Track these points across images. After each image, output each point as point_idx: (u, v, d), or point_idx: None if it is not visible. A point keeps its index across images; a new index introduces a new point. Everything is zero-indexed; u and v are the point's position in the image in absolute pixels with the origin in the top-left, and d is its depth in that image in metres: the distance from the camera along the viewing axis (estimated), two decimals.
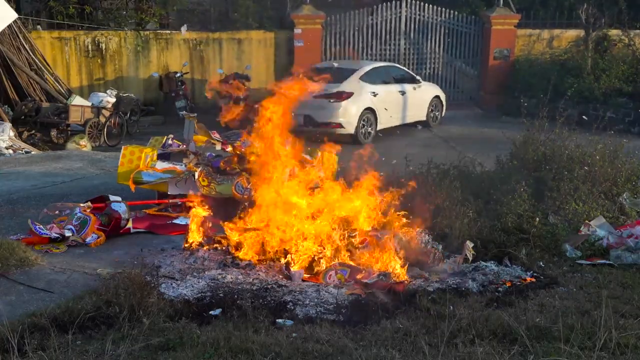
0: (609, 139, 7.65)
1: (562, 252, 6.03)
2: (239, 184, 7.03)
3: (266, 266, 5.62)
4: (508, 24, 16.87)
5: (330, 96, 12.21)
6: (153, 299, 4.66)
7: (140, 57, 15.33)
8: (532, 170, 7.15)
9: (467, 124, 14.91)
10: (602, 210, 6.67)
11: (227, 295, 4.96)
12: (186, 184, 7.11)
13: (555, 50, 17.23)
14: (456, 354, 3.97)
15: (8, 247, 5.61)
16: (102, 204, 6.85)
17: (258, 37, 16.32)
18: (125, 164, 7.25)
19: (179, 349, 4.04)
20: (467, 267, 5.64)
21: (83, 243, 6.22)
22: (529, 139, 7.62)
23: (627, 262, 5.85)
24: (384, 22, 16.89)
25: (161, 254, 6.02)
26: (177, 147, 7.72)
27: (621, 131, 9.77)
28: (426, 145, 11.95)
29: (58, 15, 14.97)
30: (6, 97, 12.61)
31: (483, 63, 17.19)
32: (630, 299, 4.97)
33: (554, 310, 4.69)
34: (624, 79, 14.54)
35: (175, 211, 7.15)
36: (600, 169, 7.04)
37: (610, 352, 3.98)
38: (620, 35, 16.34)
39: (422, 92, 14.36)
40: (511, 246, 5.93)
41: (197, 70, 15.90)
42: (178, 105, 14.46)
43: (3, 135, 11.14)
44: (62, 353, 3.92)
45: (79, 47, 14.73)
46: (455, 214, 6.22)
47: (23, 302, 4.87)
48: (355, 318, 4.62)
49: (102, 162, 10.22)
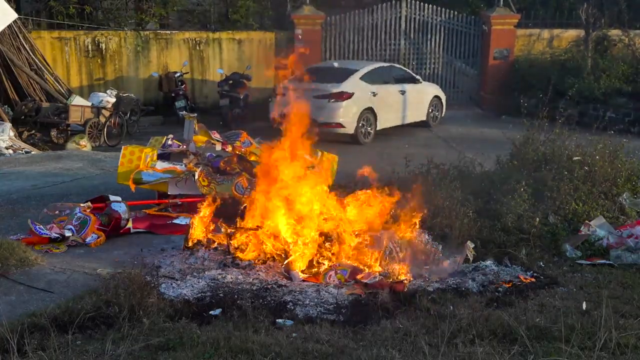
0: (609, 139, 7.65)
1: (562, 252, 6.03)
2: (239, 184, 7.04)
3: (266, 266, 5.62)
4: (508, 24, 16.87)
5: (330, 96, 12.22)
6: (153, 299, 4.66)
7: (140, 57, 15.33)
8: (532, 170, 7.15)
9: (467, 124, 14.91)
10: (602, 210, 6.68)
11: (227, 295, 4.96)
12: (186, 184, 7.11)
13: (555, 50, 17.23)
14: (456, 354, 3.97)
15: (8, 247, 5.61)
16: (102, 204, 6.85)
17: (258, 37, 16.33)
18: (125, 164, 7.24)
19: (179, 349, 4.04)
20: (467, 267, 5.64)
21: (83, 243, 6.22)
22: (529, 139, 7.62)
23: (627, 262, 5.85)
24: (384, 22, 16.88)
25: (161, 254, 6.02)
26: (177, 147, 7.72)
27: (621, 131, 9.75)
28: (426, 145, 11.95)
29: (58, 15, 14.97)
30: (6, 97, 12.61)
31: (483, 63, 17.19)
32: (630, 299, 4.97)
33: (554, 310, 4.70)
34: (624, 79, 14.53)
35: (175, 211, 7.15)
36: (600, 169, 7.04)
37: (610, 352, 3.98)
38: (620, 35, 16.34)
39: (422, 92, 14.36)
40: (511, 246, 5.94)
41: (197, 70, 15.90)
42: (178, 105, 14.46)
43: (3, 135, 11.13)
44: (62, 353, 3.92)
45: (79, 47, 14.73)
46: (455, 214, 6.22)
47: (23, 302, 4.87)
48: (355, 318, 4.62)
49: (102, 162, 10.22)
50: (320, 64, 14.49)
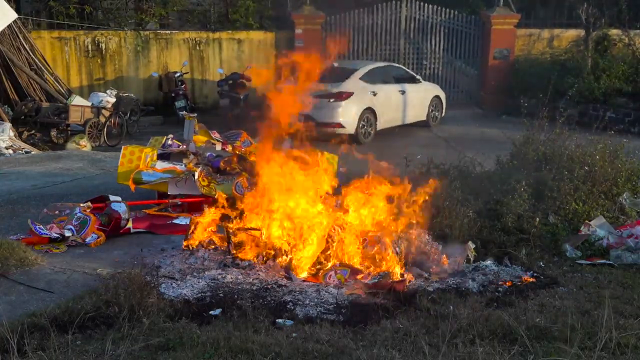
0: (609, 139, 7.64)
1: (562, 252, 6.03)
2: (239, 184, 7.04)
3: (266, 266, 5.62)
4: (508, 23, 16.87)
5: (330, 96, 12.22)
6: (153, 299, 4.66)
7: (140, 57, 15.33)
8: (532, 170, 7.14)
9: (467, 124, 14.90)
10: (602, 210, 6.67)
11: (227, 295, 4.96)
12: (186, 184, 7.11)
13: (556, 50, 17.23)
14: (456, 354, 3.97)
15: (8, 247, 5.61)
16: (102, 204, 6.84)
17: (258, 37, 16.32)
18: (125, 164, 7.24)
19: (179, 349, 4.03)
20: (467, 267, 5.64)
21: (83, 243, 6.22)
22: (529, 139, 7.61)
23: (627, 262, 5.85)
24: (384, 22, 16.89)
25: (161, 254, 6.02)
26: (177, 147, 7.72)
27: (621, 131, 9.76)
28: (426, 145, 11.94)
29: (58, 15, 14.98)
30: (6, 97, 12.62)
31: (483, 63, 17.18)
32: (630, 299, 4.97)
33: (554, 310, 4.70)
34: (624, 79, 14.53)
35: (175, 211, 7.15)
36: (601, 169, 7.03)
37: (610, 352, 3.98)
38: (620, 35, 16.34)
39: (422, 91, 14.35)
40: (511, 246, 5.94)
41: (197, 70, 15.90)
42: (178, 105, 14.45)
43: (3, 135, 11.14)
44: (62, 353, 3.92)
45: (79, 47, 14.73)
46: (455, 214, 6.22)
47: (23, 302, 4.87)
48: (355, 318, 4.62)
49: (102, 162, 10.22)
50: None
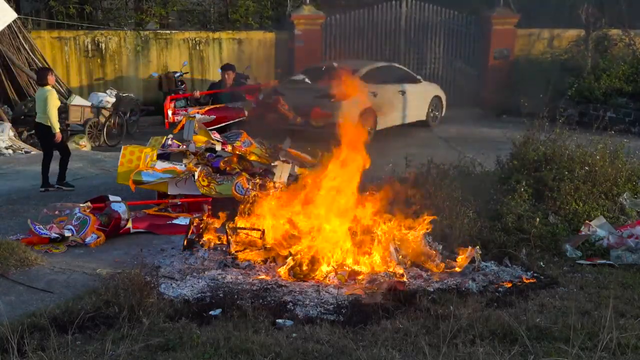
0: (609, 139, 7.64)
1: (562, 252, 6.02)
2: (238, 184, 7.03)
3: (266, 266, 5.62)
4: (508, 23, 16.87)
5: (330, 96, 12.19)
6: (153, 299, 4.66)
7: (140, 57, 15.32)
8: (532, 170, 7.14)
9: (467, 124, 14.88)
10: (602, 210, 6.67)
11: (227, 295, 4.96)
12: (186, 184, 7.11)
13: (556, 50, 17.22)
14: (456, 354, 3.97)
15: (8, 247, 5.61)
16: (102, 204, 6.84)
17: (258, 37, 16.31)
18: (125, 164, 7.24)
19: (179, 349, 4.03)
20: (467, 267, 5.63)
21: (83, 243, 6.22)
22: (529, 139, 7.60)
23: (628, 262, 5.85)
24: (384, 22, 16.87)
25: (161, 254, 6.02)
26: (177, 147, 7.72)
27: (621, 131, 9.74)
28: (426, 145, 11.93)
29: (58, 15, 14.97)
30: (6, 97, 12.62)
31: (483, 63, 17.18)
32: (630, 299, 4.97)
33: (554, 310, 4.69)
34: (624, 78, 14.52)
35: (175, 211, 7.15)
36: (601, 169, 7.03)
37: (611, 353, 3.97)
38: (620, 35, 16.33)
39: (422, 91, 14.34)
40: (511, 246, 5.93)
41: (197, 70, 15.89)
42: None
43: (3, 135, 11.13)
44: (62, 353, 3.92)
45: (79, 47, 14.72)
46: (455, 214, 6.21)
47: (23, 302, 4.86)
48: (355, 318, 4.61)
49: (102, 162, 10.22)
50: (320, 64, 14.47)
